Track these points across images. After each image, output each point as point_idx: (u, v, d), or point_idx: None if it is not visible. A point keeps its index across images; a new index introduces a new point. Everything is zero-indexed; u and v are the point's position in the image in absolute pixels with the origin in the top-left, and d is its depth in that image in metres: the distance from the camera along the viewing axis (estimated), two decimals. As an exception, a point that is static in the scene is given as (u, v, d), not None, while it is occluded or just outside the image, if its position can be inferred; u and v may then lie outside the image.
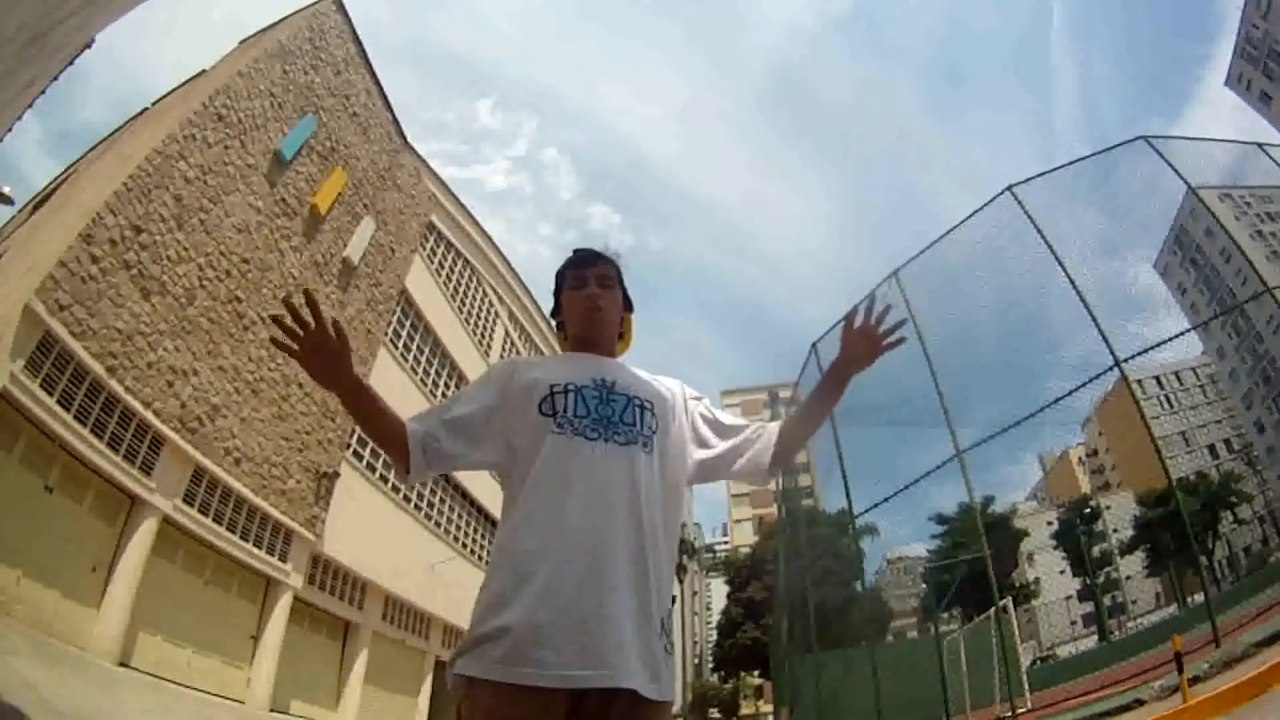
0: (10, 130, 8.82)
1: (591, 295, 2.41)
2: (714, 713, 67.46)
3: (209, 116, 16.31)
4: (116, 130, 20.46)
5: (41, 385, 12.11)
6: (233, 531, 16.60)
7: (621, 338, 2.57)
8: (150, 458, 14.49)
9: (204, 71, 19.34)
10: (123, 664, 13.17)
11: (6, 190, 15.35)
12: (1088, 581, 55.87)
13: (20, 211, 19.28)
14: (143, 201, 14.30)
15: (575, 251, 2.52)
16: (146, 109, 20.19)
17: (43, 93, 8.35)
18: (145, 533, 14.11)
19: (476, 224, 33.47)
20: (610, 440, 2.12)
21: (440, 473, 2.27)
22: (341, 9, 22.39)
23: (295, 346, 2.09)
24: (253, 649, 17.07)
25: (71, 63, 8.06)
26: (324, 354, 2.10)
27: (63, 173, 21.15)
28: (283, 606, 17.85)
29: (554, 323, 2.58)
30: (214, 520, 16.10)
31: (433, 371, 27.95)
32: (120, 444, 13.76)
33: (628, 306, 2.57)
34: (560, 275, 2.51)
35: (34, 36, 6.13)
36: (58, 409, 12.40)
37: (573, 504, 1.99)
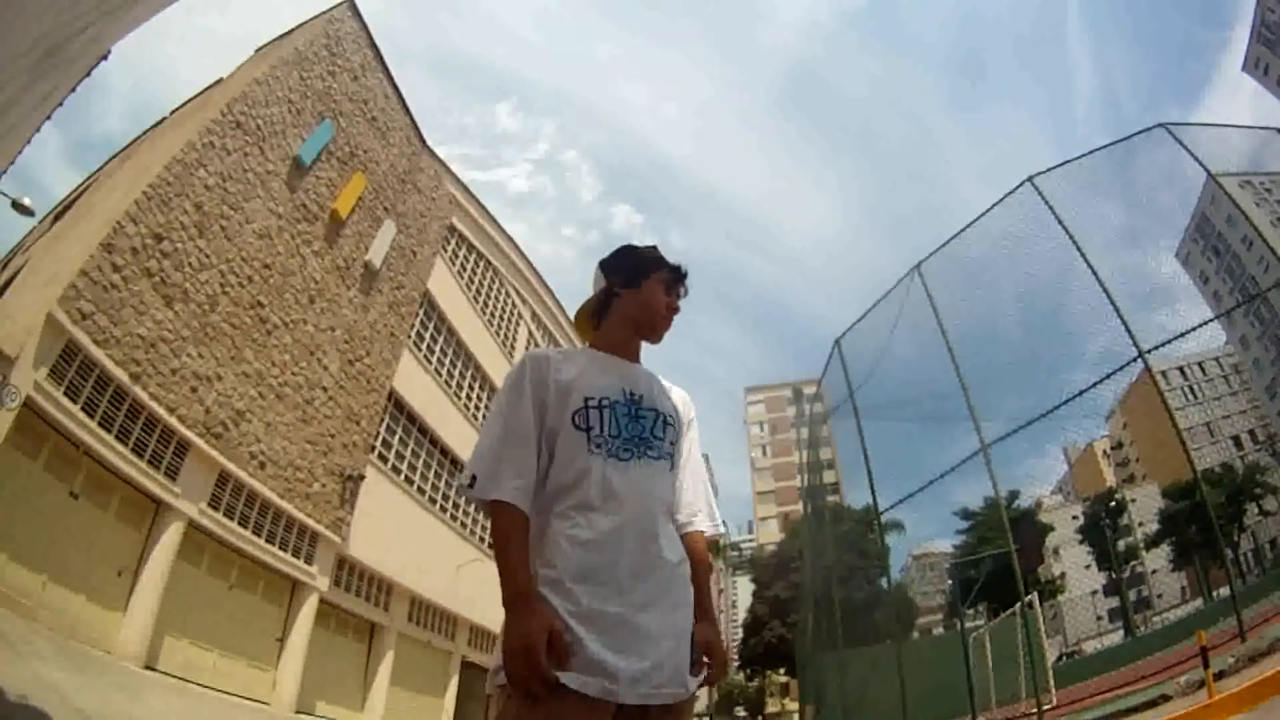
0: (29, 142, 8.90)
1: (674, 306, 2.49)
2: (740, 710, 67.49)
3: (227, 124, 16.40)
4: (135, 140, 20.63)
5: (65, 393, 12.22)
6: (258, 535, 16.70)
7: None
8: (175, 463, 14.59)
9: (221, 80, 19.47)
10: (149, 667, 13.27)
11: (27, 201, 15.47)
12: (1113, 576, 55.52)
13: (41, 222, 19.47)
14: (163, 210, 14.40)
15: (676, 263, 2.54)
16: (165, 118, 20.34)
17: (60, 104, 8.42)
18: (171, 537, 14.22)
19: (498, 225, 33.57)
20: (643, 458, 2.17)
21: None
22: (357, 15, 22.46)
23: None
24: (278, 651, 17.17)
25: (89, 74, 8.12)
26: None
27: (83, 183, 21.33)
28: (308, 609, 17.96)
29: (606, 281, 2.53)
30: (239, 524, 16.20)
31: (456, 373, 28.07)
32: (145, 450, 13.87)
33: None
34: (654, 263, 2.51)
35: (50, 49, 6.18)
36: (82, 416, 12.51)
37: (615, 525, 2.02)
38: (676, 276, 2.50)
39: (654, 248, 2.58)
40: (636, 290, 2.46)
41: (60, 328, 12.08)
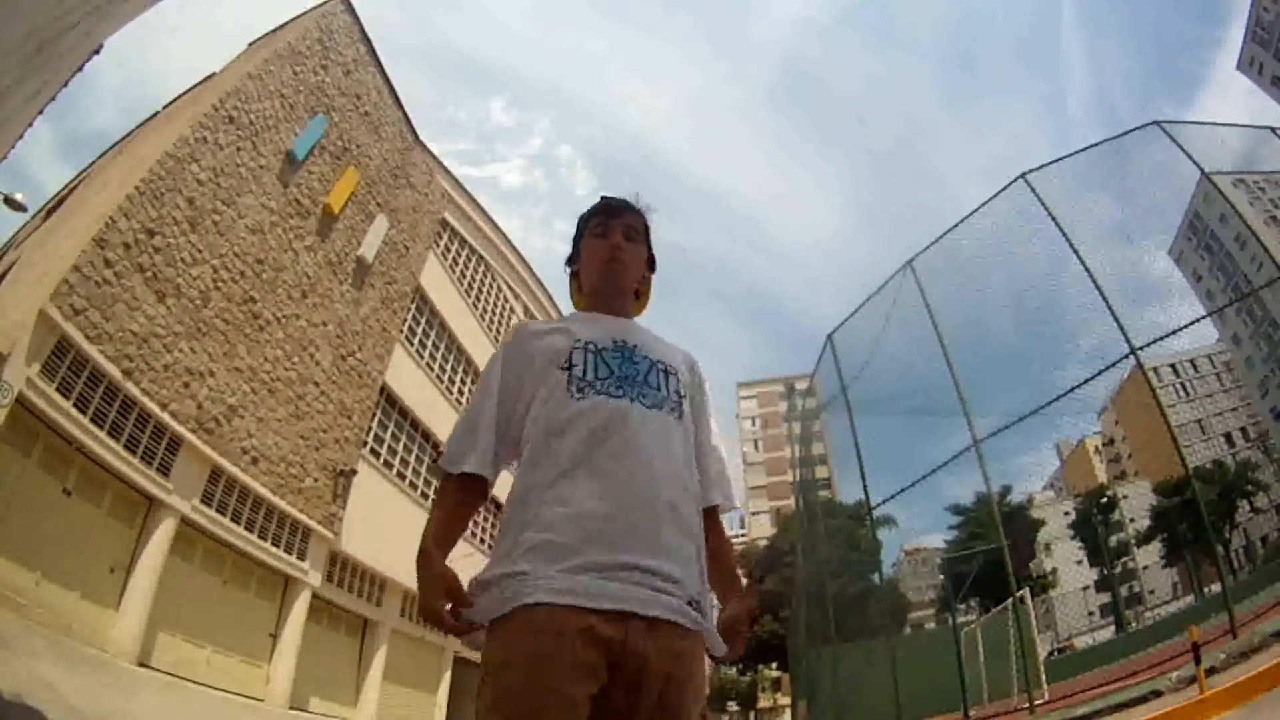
0: (22, 137, 8.87)
1: (614, 245, 2.25)
2: (732, 705, 67.61)
3: (220, 119, 16.35)
4: (128, 135, 20.58)
5: (58, 389, 12.18)
6: (251, 531, 16.67)
7: (639, 297, 2.43)
8: (168, 459, 14.57)
9: (214, 74, 19.41)
10: (142, 664, 13.23)
11: (19, 197, 15.47)
12: (1105, 572, 55.74)
13: (33, 217, 19.41)
14: (155, 205, 14.36)
15: (603, 198, 2.36)
16: (157, 113, 20.29)
17: (53, 99, 8.39)
18: (164, 533, 14.18)
19: (490, 220, 33.52)
20: (635, 401, 1.97)
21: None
22: (350, 9, 22.40)
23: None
24: (271, 647, 17.15)
25: (80, 69, 8.10)
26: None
27: (75, 178, 21.28)
28: (301, 604, 17.93)
29: (567, 271, 2.45)
30: (232, 520, 16.17)
31: (449, 368, 28.03)
32: (137, 446, 13.84)
33: (650, 266, 2.42)
34: (583, 221, 2.35)
35: (42, 44, 6.16)
36: (74, 412, 12.47)
37: (606, 465, 1.86)
38: (604, 215, 2.31)
39: (596, 203, 2.37)
40: (580, 260, 2.36)
41: (52, 323, 12.03)
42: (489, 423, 2.05)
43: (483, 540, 28.96)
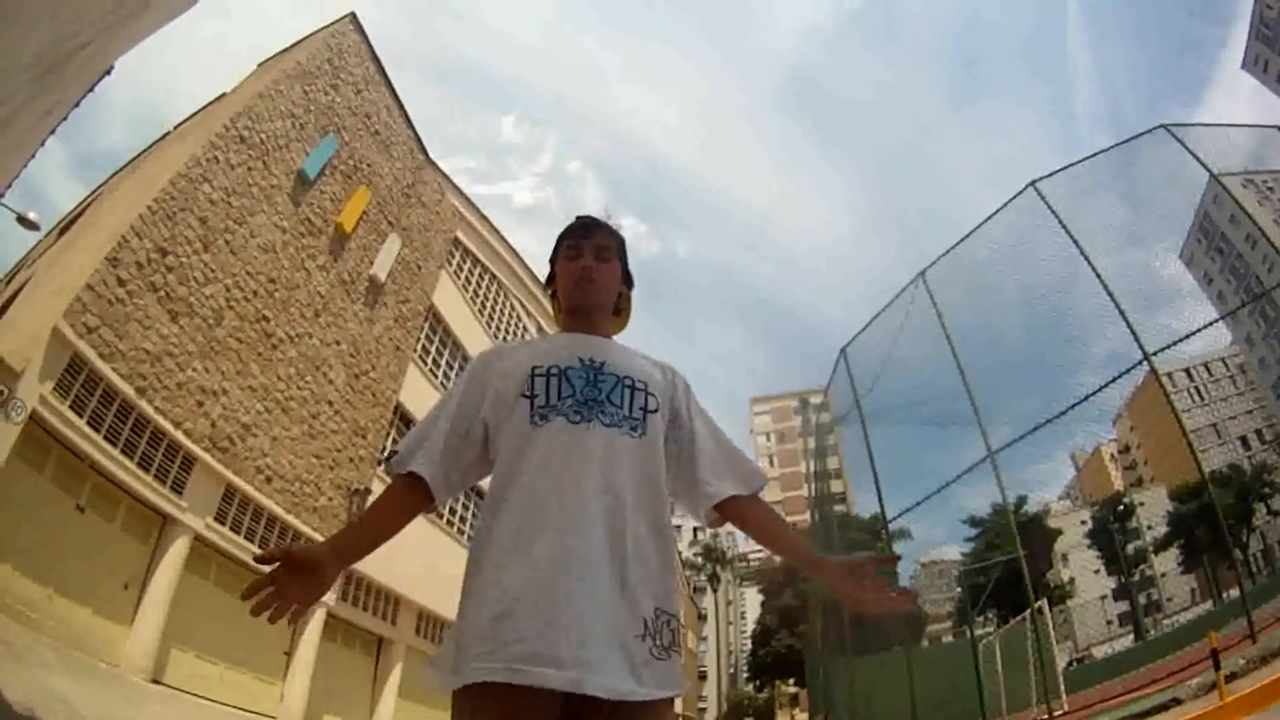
0: (34, 156, 8.92)
1: (586, 267, 2.29)
2: (749, 721, 67.32)
3: (231, 139, 16.43)
4: (140, 154, 20.68)
5: (71, 407, 12.23)
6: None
7: (619, 314, 2.46)
8: (181, 477, 14.60)
9: (225, 94, 19.51)
10: (155, 680, 13.24)
11: (32, 215, 15.55)
12: (1123, 580, 55.35)
13: (46, 236, 19.51)
14: (168, 224, 14.43)
15: (577, 218, 2.42)
16: (169, 133, 20.40)
17: (64, 119, 8.44)
18: (177, 551, 14.21)
19: (502, 238, 33.50)
20: (594, 422, 1.97)
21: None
22: (359, 28, 22.49)
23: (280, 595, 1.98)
24: (285, 664, 17.15)
25: (91, 89, 8.15)
26: (303, 580, 2.00)
27: (88, 197, 21.38)
28: (315, 622, 17.89)
29: (548, 294, 2.50)
30: (246, 538, 16.18)
31: (461, 386, 27.88)
32: (151, 464, 13.87)
33: (628, 282, 2.45)
34: (558, 243, 2.40)
35: (53, 65, 6.19)
36: (88, 430, 12.51)
37: (546, 496, 1.85)
38: (576, 237, 2.36)
39: (570, 224, 2.43)
40: (556, 278, 2.39)
41: (66, 341, 12.09)
42: (441, 434, 2.08)
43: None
